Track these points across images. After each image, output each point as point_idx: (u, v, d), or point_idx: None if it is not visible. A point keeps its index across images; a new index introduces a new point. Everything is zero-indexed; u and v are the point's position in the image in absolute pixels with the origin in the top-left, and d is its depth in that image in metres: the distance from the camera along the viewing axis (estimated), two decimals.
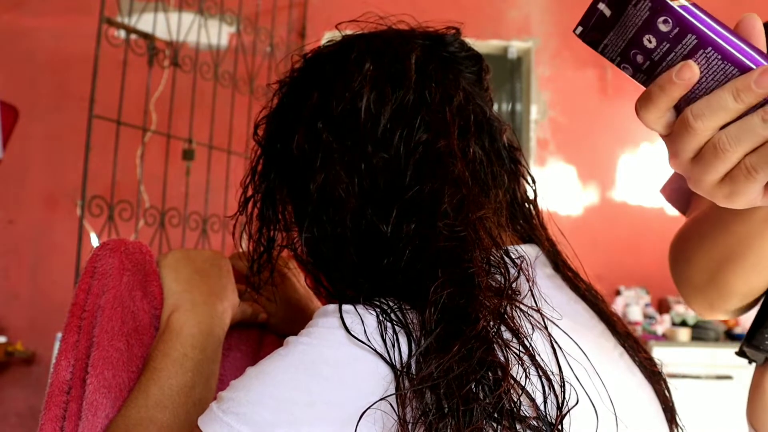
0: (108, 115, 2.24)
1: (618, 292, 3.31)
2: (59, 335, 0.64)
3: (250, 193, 0.65)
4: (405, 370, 0.45)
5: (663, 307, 3.31)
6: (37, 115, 3.17)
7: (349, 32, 0.64)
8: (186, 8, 2.60)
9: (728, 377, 2.66)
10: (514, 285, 0.50)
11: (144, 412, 0.57)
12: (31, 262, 3.19)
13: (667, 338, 2.93)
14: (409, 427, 0.43)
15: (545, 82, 3.45)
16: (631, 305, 3.17)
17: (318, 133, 0.56)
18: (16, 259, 3.19)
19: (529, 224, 0.64)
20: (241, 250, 0.73)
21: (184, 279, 0.67)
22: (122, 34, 2.51)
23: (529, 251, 0.58)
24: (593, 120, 3.45)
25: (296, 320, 0.75)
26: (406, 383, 0.44)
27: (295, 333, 0.52)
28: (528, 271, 0.52)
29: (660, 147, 3.40)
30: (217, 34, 2.78)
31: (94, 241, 2.59)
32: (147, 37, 2.43)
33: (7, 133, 2.86)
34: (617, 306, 3.21)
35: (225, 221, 2.78)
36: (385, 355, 0.46)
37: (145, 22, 2.51)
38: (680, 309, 3.14)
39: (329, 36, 0.65)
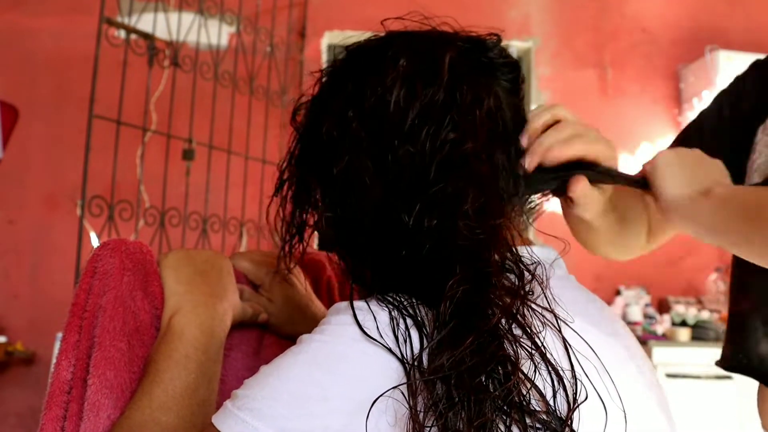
0: (108, 115, 2.24)
1: (618, 292, 3.31)
2: (59, 335, 0.64)
3: (286, 175, 0.65)
4: (417, 364, 0.46)
5: (663, 307, 3.31)
6: (37, 115, 3.17)
7: (358, 34, 0.64)
8: (186, 8, 2.60)
9: (728, 377, 2.66)
10: (527, 286, 0.51)
11: (148, 414, 0.57)
12: (31, 262, 3.19)
13: (667, 338, 2.93)
14: (420, 416, 0.44)
15: (545, 82, 3.45)
16: (631, 305, 3.17)
17: (348, 121, 0.57)
18: (16, 259, 3.19)
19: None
20: (242, 250, 0.73)
21: (185, 280, 0.67)
22: (122, 34, 2.51)
23: (541, 253, 0.58)
24: (593, 120, 3.39)
25: (296, 321, 0.75)
26: (418, 376, 0.45)
27: (296, 333, 0.53)
28: (540, 274, 0.52)
29: (660, 147, 3.41)
30: (217, 34, 2.78)
31: (94, 241, 2.59)
32: (147, 37, 2.43)
33: (7, 133, 2.86)
34: (617, 306, 3.21)
35: (225, 221, 2.78)
36: (397, 351, 0.47)
37: (145, 22, 2.51)
38: (680, 309, 3.14)
39: (329, 36, 0.65)
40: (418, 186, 0.54)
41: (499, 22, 3.41)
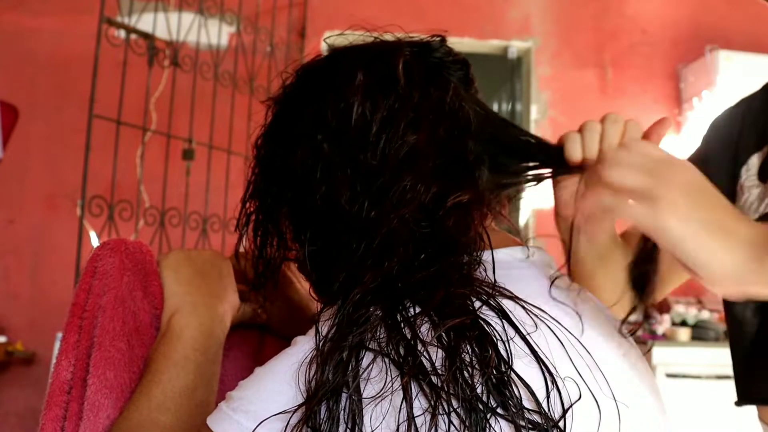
0: (108, 115, 2.24)
1: None
2: (59, 335, 0.64)
3: (250, 209, 0.65)
4: (411, 364, 0.45)
5: (663, 307, 3.31)
6: (37, 115, 3.17)
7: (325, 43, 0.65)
8: (186, 8, 2.60)
9: (728, 377, 2.65)
10: (515, 287, 0.51)
11: (146, 414, 0.58)
12: (31, 262, 3.19)
13: (667, 338, 2.93)
14: (416, 420, 0.44)
15: (545, 82, 3.45)
16: None
17: (318, 145, 0.56)
18: (16, 259, 3.18)
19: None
20: (242, 250, 0.74)
21: (185, 280, 0.67)
22: (122, 34, 2.51)
23: (519, 253, 0.58)
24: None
25: (296, 321, 0.76)
26: (412, 378, 0.45)
27: (295, 334, 0.53)
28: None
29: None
30: (217, 34, 2.78)
31: (94, 241, 2.59)
32: (147, 37, 2.43)
33: (7, 133, 2.86)
34: None
35: (225, 221, 2.78)
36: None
37: (145, 22, 2.51)
38: (680, 309, 3.14)
39: (329, 36, 0.66)
40: (386, 195, 0.53)
41: (499, 22, 3.41)
